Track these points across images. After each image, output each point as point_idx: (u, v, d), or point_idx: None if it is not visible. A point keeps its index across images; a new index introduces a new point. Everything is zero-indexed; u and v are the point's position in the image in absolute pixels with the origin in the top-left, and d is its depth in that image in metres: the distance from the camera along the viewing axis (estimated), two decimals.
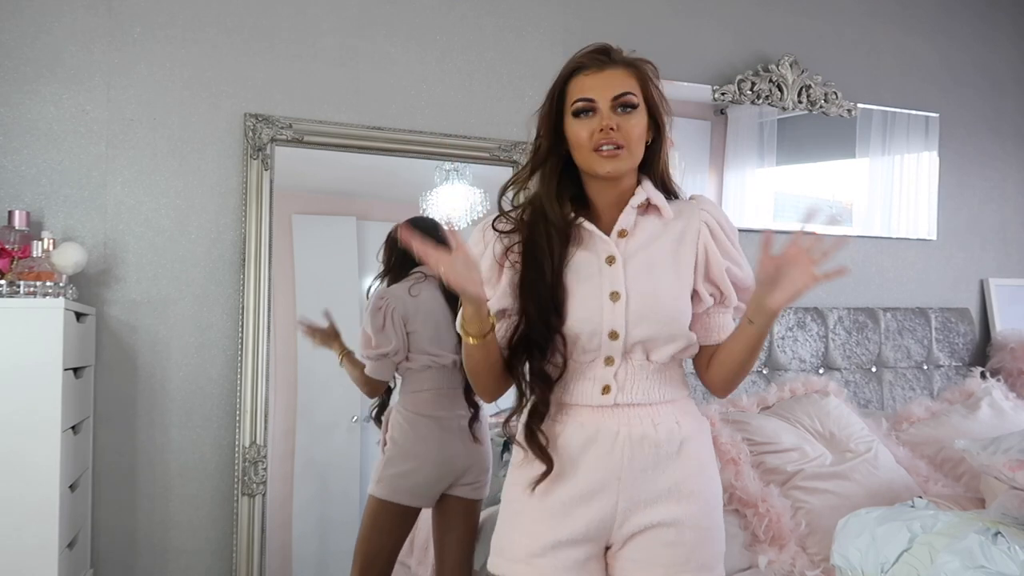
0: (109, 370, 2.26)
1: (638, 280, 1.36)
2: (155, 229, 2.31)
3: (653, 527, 1.35)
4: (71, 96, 2.24)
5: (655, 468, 1.35)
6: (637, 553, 1.36)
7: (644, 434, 1.35)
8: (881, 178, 3.27)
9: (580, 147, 1.36)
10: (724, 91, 2.95)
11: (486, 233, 1.43)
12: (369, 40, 2.54)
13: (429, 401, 2.19)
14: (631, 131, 1.35)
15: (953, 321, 3.30)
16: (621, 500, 1.35)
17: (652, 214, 1.41)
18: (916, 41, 3.38)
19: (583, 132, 1.35)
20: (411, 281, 2.24)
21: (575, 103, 1.36)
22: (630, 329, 1.35)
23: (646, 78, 1.40)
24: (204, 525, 2.32)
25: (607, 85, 1.36)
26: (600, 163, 1.35)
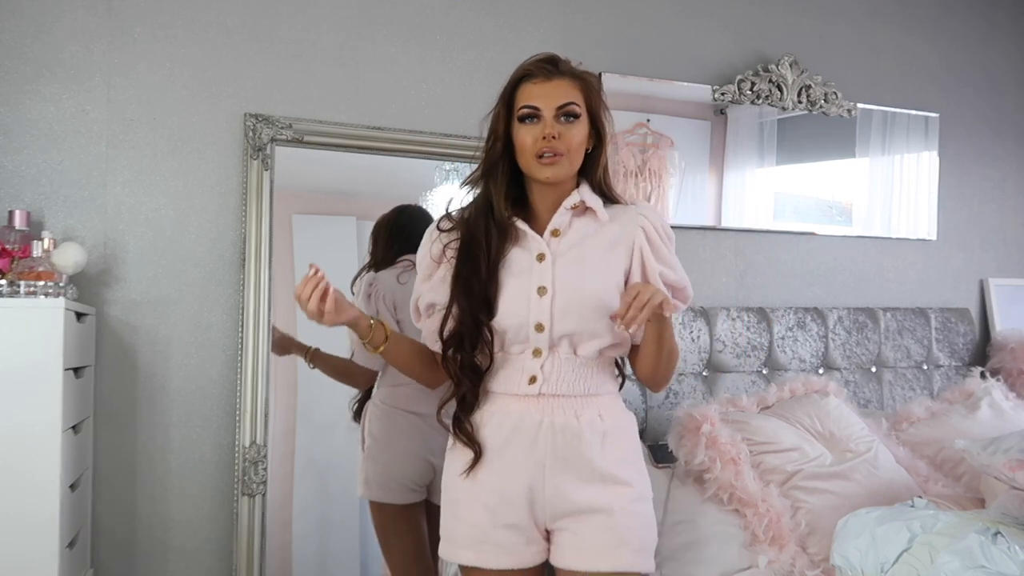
0: (109, 370, 2.26)
1: (566, 276, 1.44)
2: (155, 229, 2.31)
3: (584, 512, 1.43)
4: (71, 96, 2.24)
5: (579, 457, 1.43)
6: (571, 537, 1.44)
7: (566, 424, 1.43)
8: (881, 178, 3.27)
9: (523, 152, 1.45)
10: (724, 91, 2.95)
11: (431, 233, 1.56)
12: (369, 40, 2.54)
13: (409, 396, 2.18)
14: (571, 140, 1.44)
15: (953, 321, 3.30)
16: (548, 486, 1.43)
17: (588, 216, 1.50)
18: (916, 41, 3.38)
19: (527, 138, 1.44)
20: (399, 269, 2.27)
21: (521, 109, 1.45)
22: (555, 322, 1.43)
23: (590, 90, 1.48)
24: (204, 525, 2.32)
25: (552, 94, 1.44)
26: (540, 169, 1.44)
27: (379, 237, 2.35)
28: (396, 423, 2.19)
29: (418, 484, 2.18)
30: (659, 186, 2.87)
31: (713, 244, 3.00)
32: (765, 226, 3.08)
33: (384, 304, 2.21)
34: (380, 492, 2.16)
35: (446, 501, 1.54)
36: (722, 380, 2.83)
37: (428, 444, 2.17)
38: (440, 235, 1.54)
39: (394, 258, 2.32)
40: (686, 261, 3.18)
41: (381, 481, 2.16)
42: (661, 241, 1.51)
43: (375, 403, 2.23)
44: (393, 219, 2.39)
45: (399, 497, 2.16)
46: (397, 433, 2.18)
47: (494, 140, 1.49)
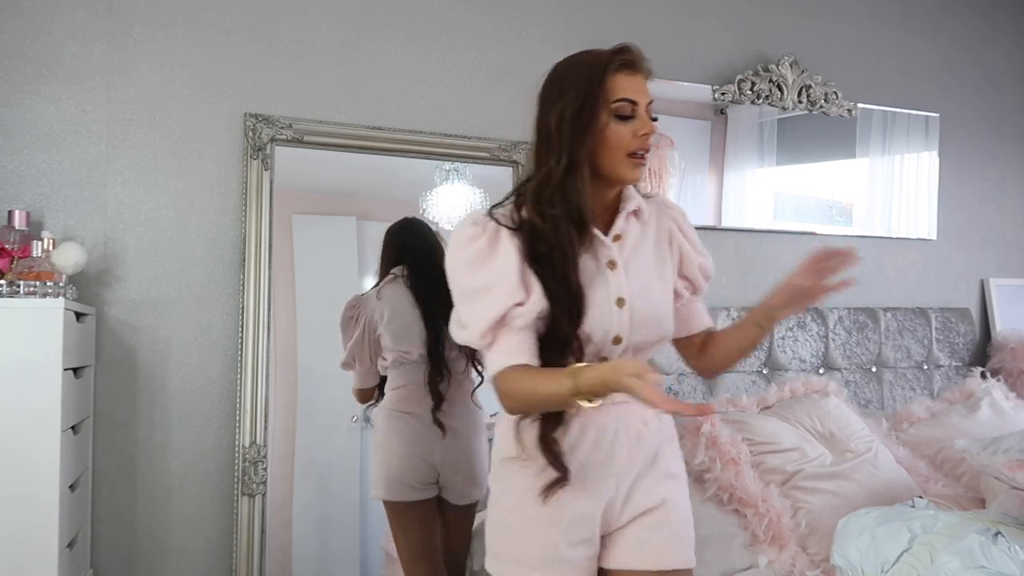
0: (109, 370, 2.26)
1: (637, 286, 1.38)
2: (155, 229, 2.31)
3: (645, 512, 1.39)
4: (71, 96, 2.24)
5: (644, 463, 1.40)
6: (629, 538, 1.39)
7: (638, 433, 1.39)
8: (881, 178, 3.27)
9: (615, 149, 1.31)
10: (724, 91, 2.95)
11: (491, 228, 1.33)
12: (369, 40, 2.54)
13: (403, 397, 2.24)
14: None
15: (953, 321, 3.30)
16: (619, 496, 1.38)
17: (633, 218, 1.43)
18: (916, 41, 3.38)
19: (624, 134, 1.31)
20: (380, 285, 2.34)
21: (618, 103, 1.31)
22: (632, 334, 1.37)
23: None
24: (204, 525, 2.32)
25: (643, 89, 1.35)
26: (631, 170, 1.33)
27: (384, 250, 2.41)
28: (393, 425, 2.24)
29: (421, 483, 2.20)
30: (659, 186, 2.86)
31: (713, 244, 2.98)
32: (765, 226, 3.07)
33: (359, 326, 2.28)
34: (386, 492, 2.21)
35: (506, 519, 1.39)
36: (722, 380, 2.83)
37: (423, 444, 2.20)
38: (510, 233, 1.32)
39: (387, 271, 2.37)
40: None
41: (385, 481, 2.21)
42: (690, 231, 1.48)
43: (379, 408, 2.28)
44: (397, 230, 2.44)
45: (405, 495, 2.19)
46: (395, 435, 2.22)
47: (585, 134, 1.30)
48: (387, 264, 2.37)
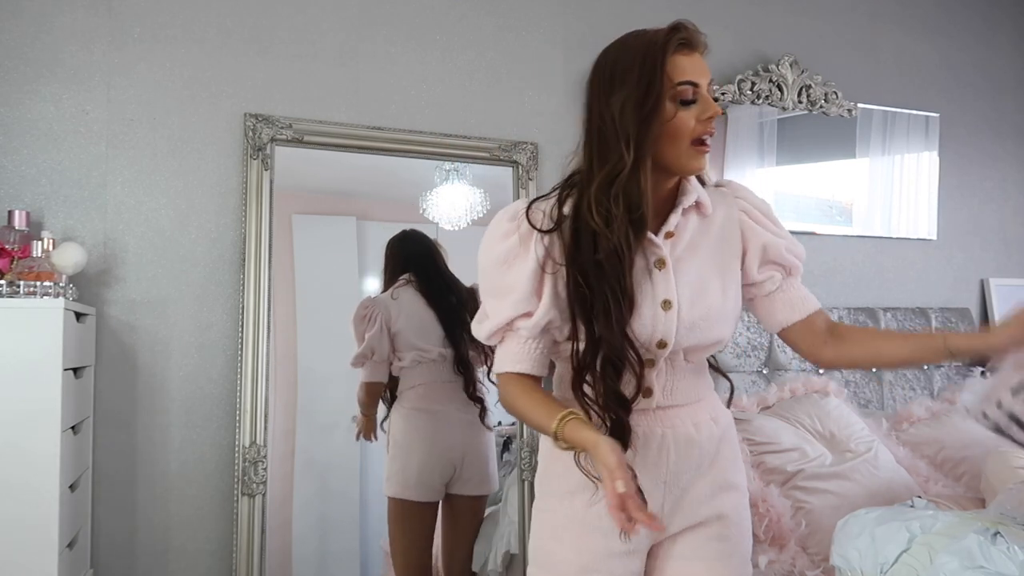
0: (109, 370, 2.26)
1: (688, 286, 1.27)
2: (155, 229, 2.31)
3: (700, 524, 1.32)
4: (71, 96, 2.24)
5: (698, 469, 1.32)
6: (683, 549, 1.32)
7: (688, 437, 1.30)
8: (881, 178, 3.27)
9: (680, 138, 1.20)
10: (724, 91, 2.95)
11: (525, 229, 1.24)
12: (369, 40, 2.54)
13: (422, 395, 2.25)
14: None
15: (953, 321, 3.29)
16: (667, 503, 1.30)
17: (694, 211, 1.30)
18: (916, 41, 3.38)
19: (690, 120, 1.20)
20: (394, 286, 2.41)
21: (680, 86, 1.20)
22: (679, 338, 1.27)
23: None
24: (204, 525, 2.32)
25: (703, 68, 1.23)
26: (696, 158, 1.22)
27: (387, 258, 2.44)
28: (414, 423, 2.26)
29: (436, 482, 2.23)
30: None
31: None
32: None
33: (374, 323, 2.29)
34: (398, 489, 2.24)
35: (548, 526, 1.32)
36: (722, 380, 2.82)
37: (446, 440, 2.23)
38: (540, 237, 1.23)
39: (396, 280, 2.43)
40: None
41: (401, 479, 2.23)
42: (765, 216, 1.34)
43: (397, 408, 2.31)
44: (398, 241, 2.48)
45: (417, 494, 2.22)
46: (413, 434, 2.25)
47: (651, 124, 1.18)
48: (393, 272, 2.45)
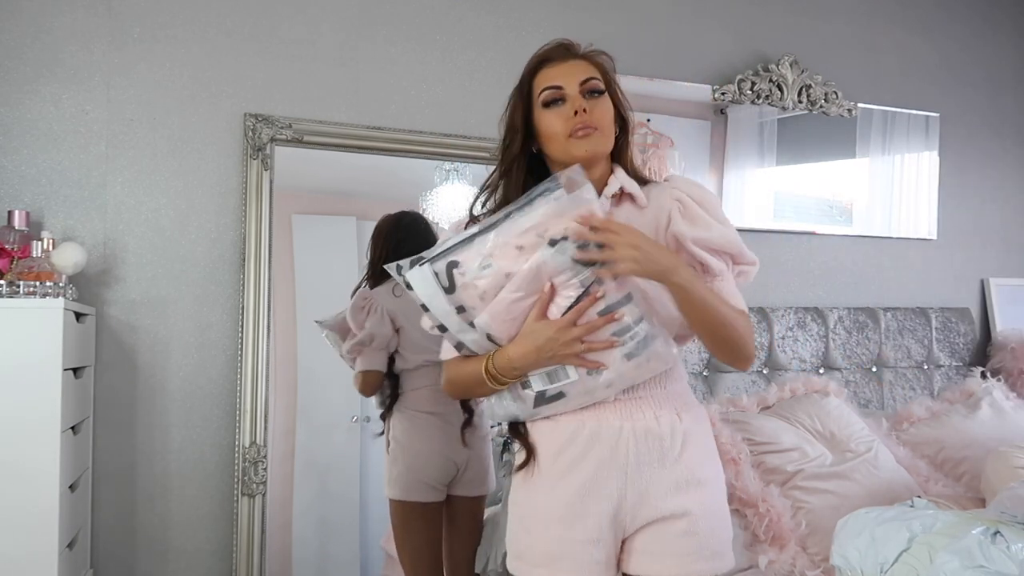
0: (109, 370, 2.26)
1: None
2: (155, 229, 2.31)
3: (665, 519, 1.33)
4: (71, 96, 2.25)
5: (660, 462, 1.34)
6: (650, 544, 1.34)
7: (647, 428, 1.34)
8: (881, 178, 3.27)
9: (554, 136, 1.36)
10: (724, 91, 2.95)
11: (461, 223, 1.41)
12: (369, 40, 2.54)
13: (427, 398, 2.21)
14: (602, 114, 1.37)
15: (953, 321, 3.30)
16: (629, 494, 1.33)
17: (626, 203, 1.40)
18: (916, 40, 3.38)
19: (556, 121, 1.36)
20: (392, 283, 2.25)
21: (543, 92, 1.37)
22: None
23: (606, 69, 1.42)
24: (204, 526, 2.32)
25: (572, 72, 1.38)
26: (576, 145, 1.35)
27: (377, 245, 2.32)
28: (417, 425, 2.21)
29: (440, 483, 2.21)
30: None
31: None
32: (765, 226, 3.08)
33: (377, 312, 2.22)
34: (402, 491, 2.19)
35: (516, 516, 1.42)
36: (722, 380, 2.83)
37: (449, 443, 2.21)
38: None
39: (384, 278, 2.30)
40: None
41: (403, 480, 2.19)
42: (697, 206, 1.38)
43: (399, 409, 2.25)
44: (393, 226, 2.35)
45: (420, 495, 2.19)
46: (419, 435, 2.21)
47: (512, 135, 1.40)
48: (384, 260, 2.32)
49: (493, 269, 1.22)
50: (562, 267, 1.23)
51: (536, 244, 1.22)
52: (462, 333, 1.29)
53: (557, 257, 1.21)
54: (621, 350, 1.27)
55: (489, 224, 1.25)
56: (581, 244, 1.22)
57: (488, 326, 1.27)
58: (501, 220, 1.24)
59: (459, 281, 1.23)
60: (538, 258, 1.22)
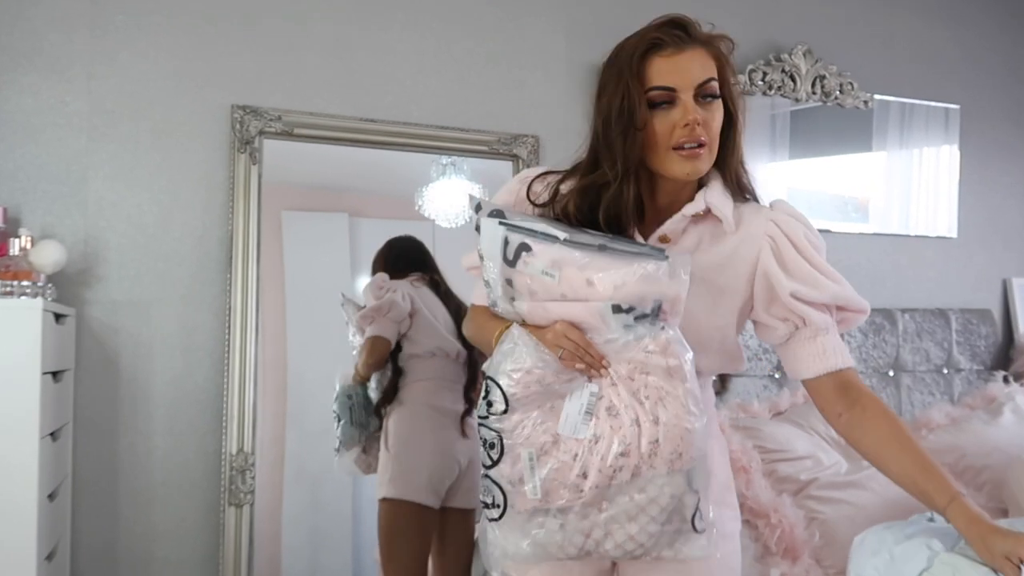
0: (89, 374, 2.25)
1: None
2: (138, 226, 2.30)
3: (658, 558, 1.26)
4: (50, 87, 2.24)
5: None
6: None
7: None
8: (899, 173, 3.26)
9: (656, 144, 1.22)
10: (734, 82, 2.94)
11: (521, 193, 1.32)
12: (363, 28, 2.53)
13: (431, 390, 2.24)
14: (713, 126, 1.24)
15: (974, 322, 3.29)
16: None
17: (710, 222, 1.29)
18: (935, 29, 3.37)
19: (664, 126, 1.21)
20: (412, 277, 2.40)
21: (651, 91, 1.21)
22: None
23: (724, 60, 1.28)
24: (189, 536, 2.31)
25: (688, 70, 1.23)
26: (680, 164, 1.22)
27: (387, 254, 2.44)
28: (419, 421, 2.24)
29: (440, 485, 2.21)
30: None
31: None
32: None
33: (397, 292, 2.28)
34: (402, 490, 2.18)
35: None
36: (732, 385, 2.82)
37: (452, 442, 2.22)
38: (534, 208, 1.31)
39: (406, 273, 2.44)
40: None
41: (406, 478, 2.19)
42: (795, 251, 1.28)
43: (400, 402, 2.27)
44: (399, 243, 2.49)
45: (420, 496, 2.19)
46: (419, 431, 2.23)
47: (629, 131, 1.21)
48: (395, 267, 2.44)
49: (553, 281, 1.18)
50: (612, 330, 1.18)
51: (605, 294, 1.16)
52: (499, 299, 1.25)
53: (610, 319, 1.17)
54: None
55: (580, 240, 1.19)
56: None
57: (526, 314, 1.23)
58: (594, 247, 1.17)
59: (520, 265, 1.19)
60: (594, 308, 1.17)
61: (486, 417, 1.20)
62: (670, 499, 1.16)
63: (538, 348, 1.17)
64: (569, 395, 1.19)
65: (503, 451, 1.19)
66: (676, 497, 1.17)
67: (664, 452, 1.14)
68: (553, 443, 1.17)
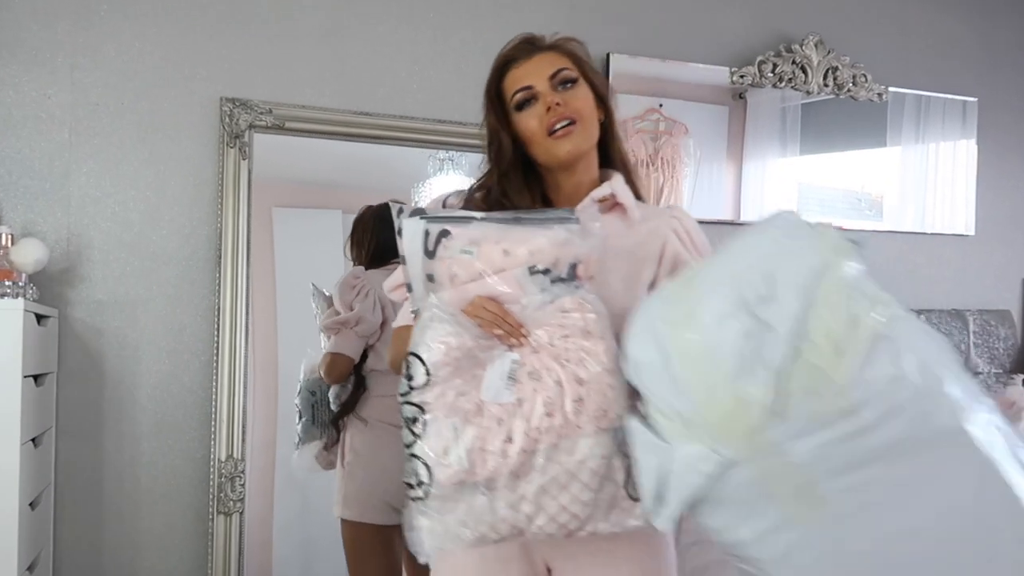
0: (73, 377, 2.25)
1: None
2: (123, 223, 2.30)
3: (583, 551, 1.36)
4: (32, 79, 2.24)
5: None
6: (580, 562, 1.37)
7: None
8: (914, 168, 3.26)
9: (533, 138, 1.40)
10: (743, 73, 2.94)
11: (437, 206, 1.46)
12: (356, 17, 2.53)
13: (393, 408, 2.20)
14: (579, 104, 1.39)
15: (993, 324, 3.29)
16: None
17: (616, 213, 1.44)
18: (953, 18, 3.36)
19: (532, 121, 1.39)
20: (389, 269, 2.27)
21: (515, 96, 1.41)
22: None
23: (577, 55, 1.44)
24: (176, 546, 2.32)
25: (540, 68, 1.41)
26: (558, 145, 1.38)
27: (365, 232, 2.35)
28: (382, 438, 2.21)
29: (399, 501, 2.19)
30: (672, 177, 2.86)
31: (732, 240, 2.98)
32: None
33: (367, 296, 2.22)
34: (360, 511, 2.17)
35: None
36: None
37: None
38: None
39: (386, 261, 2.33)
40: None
41: (360, 499, 2.17)
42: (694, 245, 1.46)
43: (359, 417, 2.24)
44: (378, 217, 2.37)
45: (378, 517, 2.16)
46: (383, 448, 2.20)
47: (498, 139, 1.44)
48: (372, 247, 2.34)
49: (472, 257, 1.25)
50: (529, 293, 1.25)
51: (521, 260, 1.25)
52: (420, 300, 1.30)
53: (527, 283, 1.24)
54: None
55: (494, 216, 1.28)
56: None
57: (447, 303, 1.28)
58: (508, 219, 1.27)
59: (440, 251, 1.27)
60: (510, 275, 1.24)
61: (407, 393, 1.23)
62: (600, 461, 1.18)
63: (456, 316, 1.23)
64: (491, 362, 1.23)
65: (426, 424, 1.21)
66: (607, 459, 1.18)
67: (589, 409, 1.18)
68: (476, 410, 1.20)
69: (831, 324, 1.02)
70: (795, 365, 1.01)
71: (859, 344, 1.01)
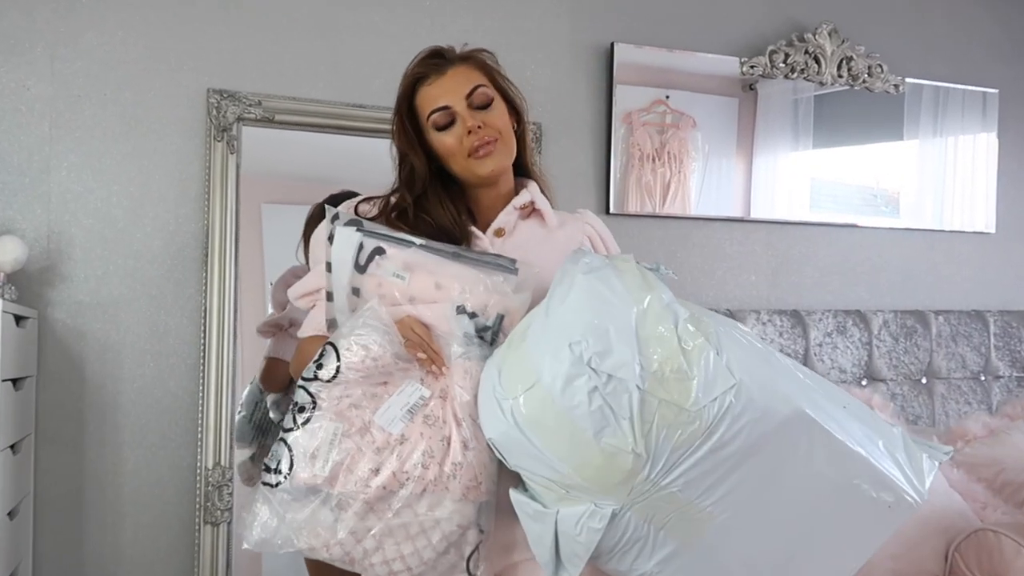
0: (53, 381, 2.25)
1: None
2: (106, 221, 2.31)
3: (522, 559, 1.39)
4: (10, 70, 2.24)
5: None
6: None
7: None
8: (932, 163, 3.27)
9: (453, 157, 1.45)
10: (754, 64, 2.94)
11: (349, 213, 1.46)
12: (350, 6, 2.53)
13: None
14: (498, 123, 1.46)
15: (1014, 325, 3.29)
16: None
17: (535, 219, 1.54)
18: (972, 7, 3.37)
19: (451, 141, 1.44)
20: None
21: (432, 116, 1.45)
22: None
23: (489, 67, 1.51)
24: (161, 558, 2.32)
25: (455, 87, 1.46)
26: (481, 164, 1.45)
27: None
28: None
29: None
30: (679, 172, 2.86)
31: (741, 238, 2.99)
32: (800, 217, 3.07)
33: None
34: None
35: None
36: None
37: None
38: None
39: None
40: (711, 256, 3.14)
41: None
42: (606, 244, 1.58)
43: None
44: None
45: None
46: None
47: (410, 158, 1.48)
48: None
49: (403, 283, 1.31)
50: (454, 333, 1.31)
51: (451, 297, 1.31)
52: (342, 314, 1.34)
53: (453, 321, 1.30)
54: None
55: (433, 246, 1.34)
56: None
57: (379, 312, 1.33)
58: (447, 253, 1.33)
59: (372, 268, 1.31)
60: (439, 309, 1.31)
61: (310, 379, 1.26)
62: (456, 528, 1.24)
63: (388, 328, 1.28)
64: (399, 389, 1.27)
65: (310, 419, 1.25)
66: (462, 528, 1.24)
67: (464, 477, 1.24)
68: (363, 428, 1.24)
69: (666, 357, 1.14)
70: (647, 406, 1.12)
71: (695, 367, 1.13)
